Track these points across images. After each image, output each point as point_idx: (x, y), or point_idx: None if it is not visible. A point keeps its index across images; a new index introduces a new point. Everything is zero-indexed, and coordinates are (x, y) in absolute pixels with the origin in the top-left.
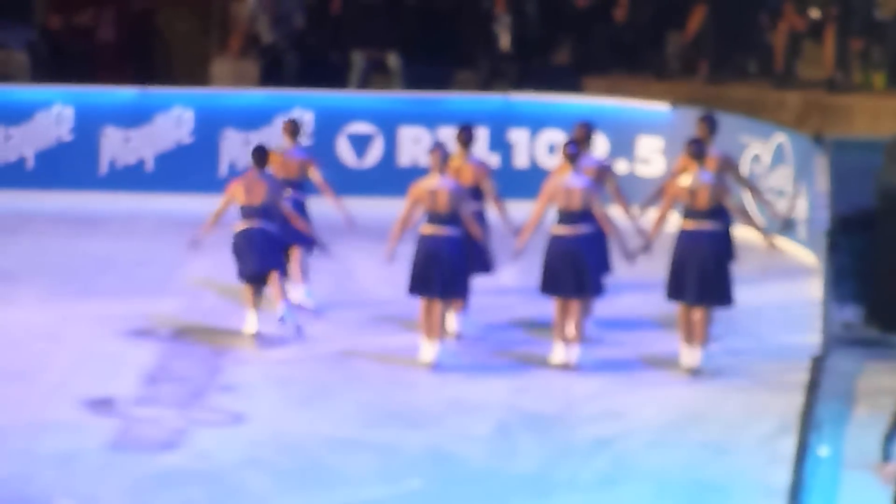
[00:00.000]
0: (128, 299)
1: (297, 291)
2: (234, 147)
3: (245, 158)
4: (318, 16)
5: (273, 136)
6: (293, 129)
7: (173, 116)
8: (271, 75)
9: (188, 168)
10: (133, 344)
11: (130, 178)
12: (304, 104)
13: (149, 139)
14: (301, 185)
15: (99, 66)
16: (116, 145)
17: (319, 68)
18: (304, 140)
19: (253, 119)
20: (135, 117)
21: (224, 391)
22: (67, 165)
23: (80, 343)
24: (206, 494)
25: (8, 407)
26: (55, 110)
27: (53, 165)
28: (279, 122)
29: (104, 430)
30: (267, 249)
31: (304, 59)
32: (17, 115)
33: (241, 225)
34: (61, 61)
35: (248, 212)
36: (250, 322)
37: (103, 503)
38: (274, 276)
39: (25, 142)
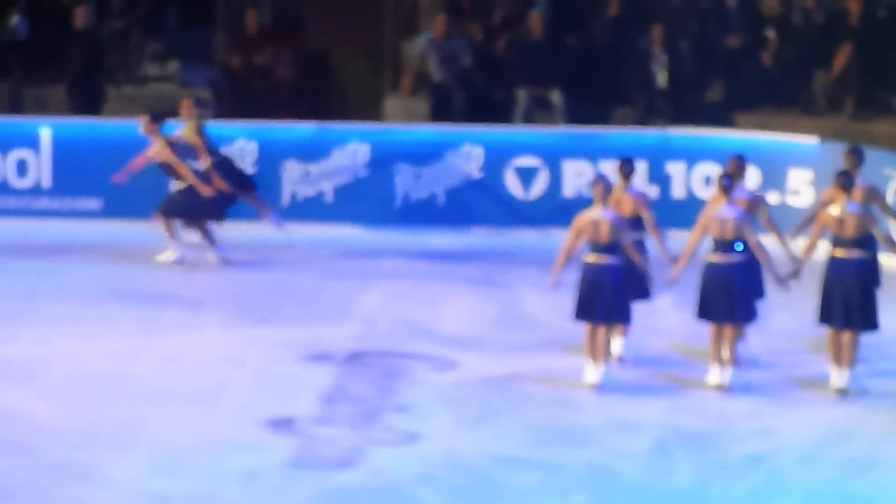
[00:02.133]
0: (306, 325)
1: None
2: (407, 180)
3: (416, 192)
4: (484, 55)
5: (443, 170)
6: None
7: (349, 151)
8: (440, 112)
9: (364, 200)
10: (311, 367)
11: (310, 209)
12: (473, 139)
13: (327, 172)
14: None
15: (277, 103)
16: (297, 178)
17: (486, 105)
18: (476, 173)
19: (424, 153)
20: (313, 151)
21: (398, 411)
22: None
23: (261, 366)
24: None
25: (193, 427)
26: (239, 145)
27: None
28: (449, 157)
29: (285, 448)
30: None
31: (472, 97)
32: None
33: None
34: (242, 99)
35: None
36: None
37: None
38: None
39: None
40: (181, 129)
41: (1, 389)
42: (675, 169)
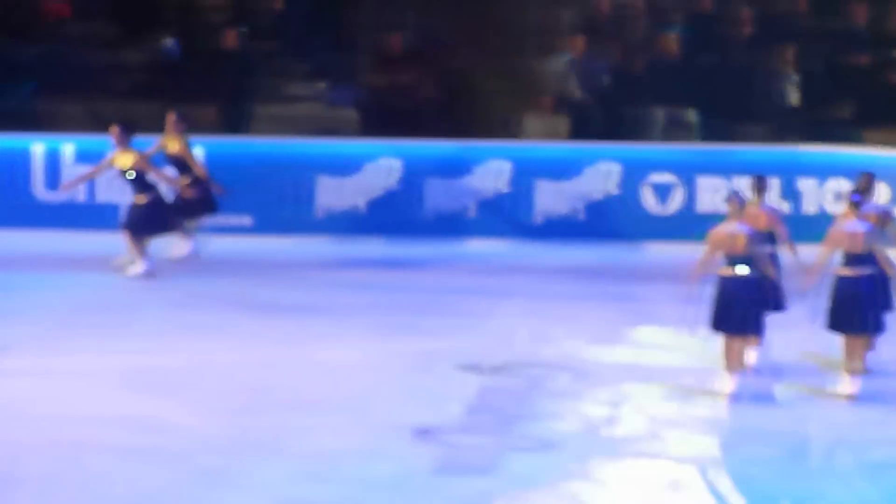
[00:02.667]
0: (450, 337)
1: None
2: (547, 196)
3: (556, 207)
4: (622, 75)
5: (582, 186)
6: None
7: (491, 168)
8: (579, 129)
9: (505, 215)
10: (455, 377)
11: (452, 224)
12: (610, 156)
13: (469, 188)
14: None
15: (420, 121)
16: (439, 194)
17: (623, 122)
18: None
19: (563, 170)
20: (455, 169)
21: (536, 420)
22: (395, 212)
23: (406, 377)
24: None
25: (341, 435)
26: (383, 162)
27: (382, 213)
28: (587, 173)
29: (429, 455)
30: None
31: (610, 115)
32: (348, 167)
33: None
34: (386, 117)
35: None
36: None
37: None
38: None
39: (357, 191)
40: (168, 143)
41: (156, 399)
42: (806, 185)
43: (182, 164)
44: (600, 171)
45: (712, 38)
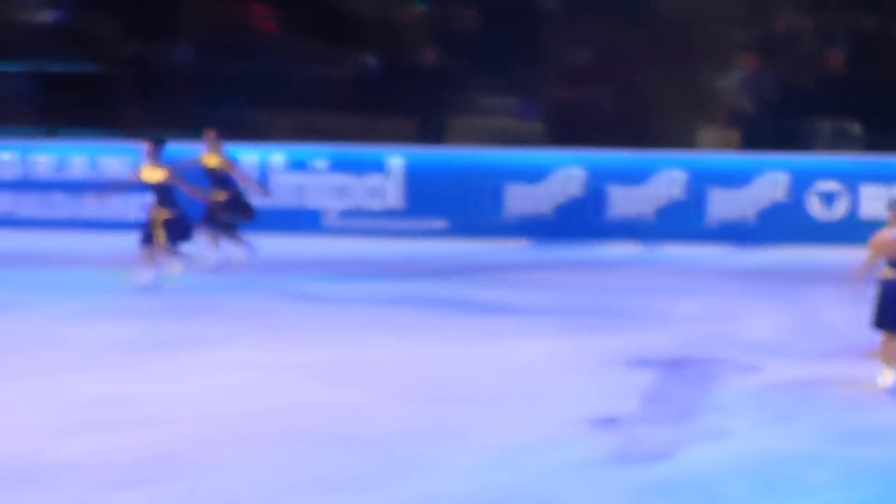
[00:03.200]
0: (629, 334)
1: None
2: (720, 202)
3: (727, 213)
4: (790, 90)
5: (752, 194)
6: None
7: (667, 176)
8: (750, 141)
9: (681, 220)
10: (634, 371)
11: (633, 228)
12: (779, 166)
13: (647, 195)
14: None
15: (602, 132)
16: (620, 200)
17: (791, 134)
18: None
19: (735, 178)
20: (635, 177)
21: (710, 411)
22: (578, 217)
23: (588, 370)
24: (695, 500)
25: (525, 425)
26: (568, 171)
27: (567, 217)
28: (757, 182)
29: (609, 444)
30: None
31: (778, 127)
32: (536, 174)
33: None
34: (570, 128)
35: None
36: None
37: None
38: None
39: (544, 197)
40: (207, 159)
41: (355, 390)
42: None
43: (220, 178)
44: (769, 179)
45: (875, 55)
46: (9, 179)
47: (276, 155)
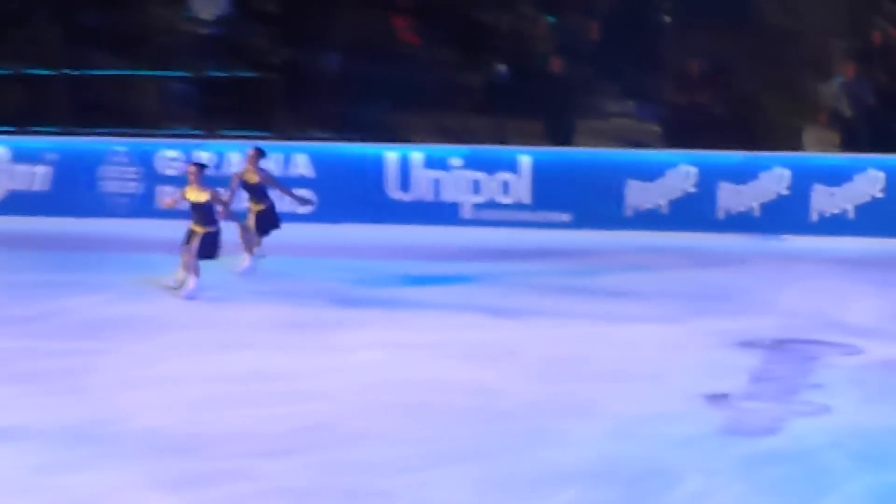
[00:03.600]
0: (737, 318)
1: None
2: (822, 199)
3: (830, 207)
4: (886, 95)
5: (852, 190)
6: None
7: (775, 174)
8: (849, 142)
9: (786, 215)
10: (741, 352)
11: (741, 222)
12: (876, 165)
13: (755, 192)
14: None
15: (714, 134)
16: (729, 197)
17: (888, 136)
18: None
19: (836, 176)
20: (744, 175)
21: (813, 389)
22: (691, 211)
23: (699, 351)
24: (798, 470)
25: (642, 401)
26: (682, 169)
27: (681, 211)
28: (857, 179)
29: (718, 418)
30: None
31: (875, 130)
32: (653, 172)
33: None
34: (684, 130)
35: None
36: None
37: (721, 475)
38: None
39: (660, 193)
40: (247, 175)
41: (487, 367)
42: None
43: (259, 190)
44: (868, 177)
45: None
46: (173, 175)
47: (416, 153)
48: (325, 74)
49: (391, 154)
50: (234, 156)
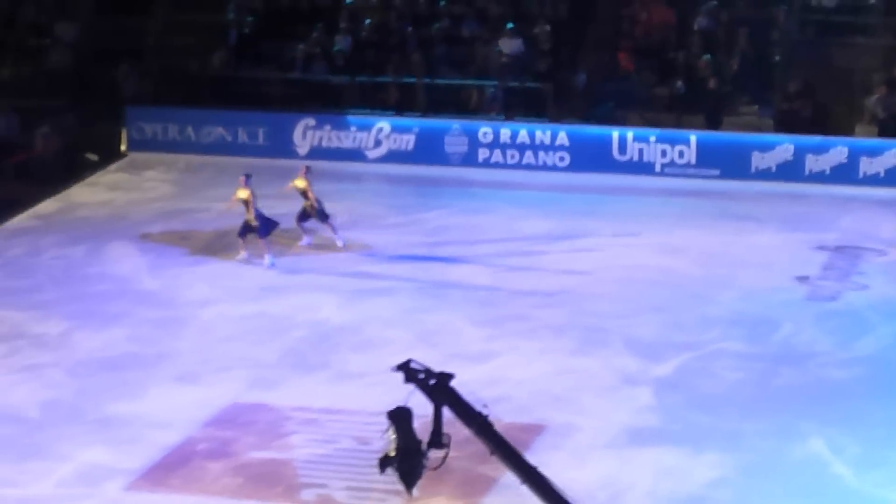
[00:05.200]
0: (814, 232)
1: None
2: (865, 165)
3: (870, 170)
4: None
5: (884, 161)
6: None
7: (838, 150)
8: (882, 132)
9: (844, 173)
10: (817, 252)
11: (819, 177)
12: None
13: (827, 160)
14: None
15: (804, 126)
16: (811, 162)
17: None
18: None
19: (874, 152)
20: (820, 150)
21: (858, 274)
22: (789, 171)
23: (793, 251)
24: (849, 321)
25: (759, 278)
26: (785, 146)
27: (784, 170)
28: (886, 154)
29: (803, 290)
30: None
31: None
32: (767, 147)
33: None
34: (786, 123)
35: None
36: None
37: (804, 323)
38: None
39: (772, 160)
40: (297, 183)
41: (672, 258)
42: None
43: (304, 194)
44: (893, 153)
45: None
46: (486, 142)
47: (629, 133)
48: (576, 86)
49: (614, 133)
50: (522, 132)
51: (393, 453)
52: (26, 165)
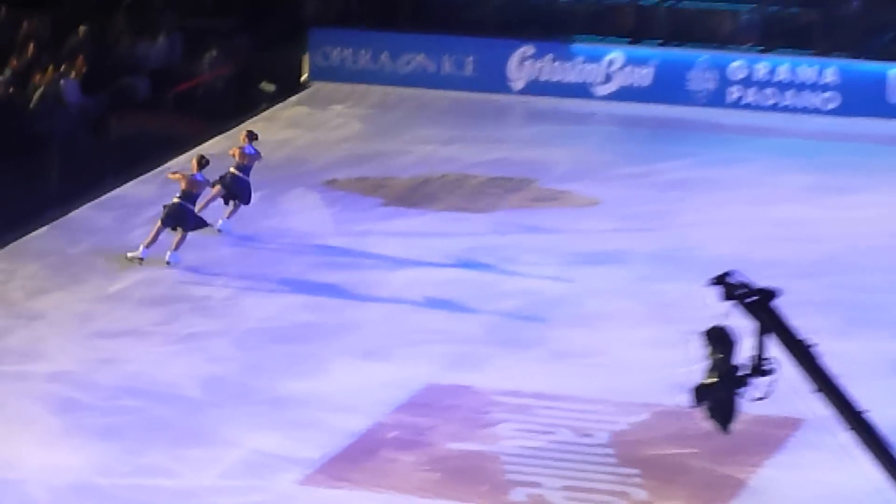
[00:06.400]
0: None
1: None
2: None
3: None
4: None
5: None
6: None
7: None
8: None
9: None
10: None
11: None
12: None
13: None
14: None
15: None
16: None
17: None
18: None
19: None
20: None
21: None
22: None
23: None
24: None
25: None
26: None
27: None
28: None
29: None
30: None
31: None
32: None
33: None
34: None
35: None
36: None
37: None
38: None
39: None
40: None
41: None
42: None
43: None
44: None
45: None
46: (740, 78)
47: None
48: (849, 13)
49: (894, 71)
50: (782, 68)
51: (711, 381)
52: (191, 96)
